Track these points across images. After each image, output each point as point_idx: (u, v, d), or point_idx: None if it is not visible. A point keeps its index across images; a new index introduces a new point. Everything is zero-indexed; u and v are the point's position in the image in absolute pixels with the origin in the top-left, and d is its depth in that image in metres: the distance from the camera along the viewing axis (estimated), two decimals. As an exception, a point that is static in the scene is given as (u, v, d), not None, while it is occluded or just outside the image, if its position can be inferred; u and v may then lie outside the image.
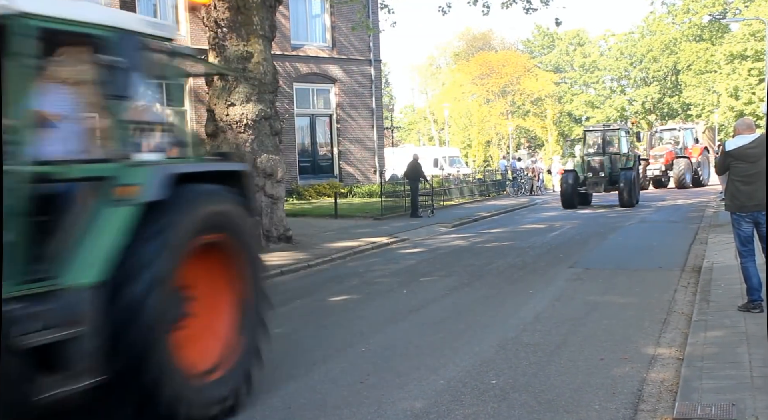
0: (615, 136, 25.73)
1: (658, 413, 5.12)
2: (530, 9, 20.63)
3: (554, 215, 22.28)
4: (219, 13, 14.99)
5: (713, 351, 6.24)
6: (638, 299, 9.17)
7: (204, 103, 21.32)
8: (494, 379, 6.08)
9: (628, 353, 6.72)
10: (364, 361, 6.75)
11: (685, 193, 31.21)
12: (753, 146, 7.54)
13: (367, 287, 10.91)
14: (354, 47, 30.32)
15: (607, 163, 24.43)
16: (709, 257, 11.58)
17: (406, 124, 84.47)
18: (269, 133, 15.27)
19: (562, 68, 76.44)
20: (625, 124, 31.61)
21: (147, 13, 25.08)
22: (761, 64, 48.86)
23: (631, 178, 23.73)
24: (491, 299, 9.57)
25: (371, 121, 31.08)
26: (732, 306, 7.82)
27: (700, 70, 61.89)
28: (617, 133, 25.53)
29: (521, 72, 62.81)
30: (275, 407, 5.59)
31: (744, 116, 26.43)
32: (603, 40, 76.51)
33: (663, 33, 66.76)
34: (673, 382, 5.74)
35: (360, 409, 5.47)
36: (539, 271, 11.70)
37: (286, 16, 27.71)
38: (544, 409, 5.34)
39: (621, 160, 24.54)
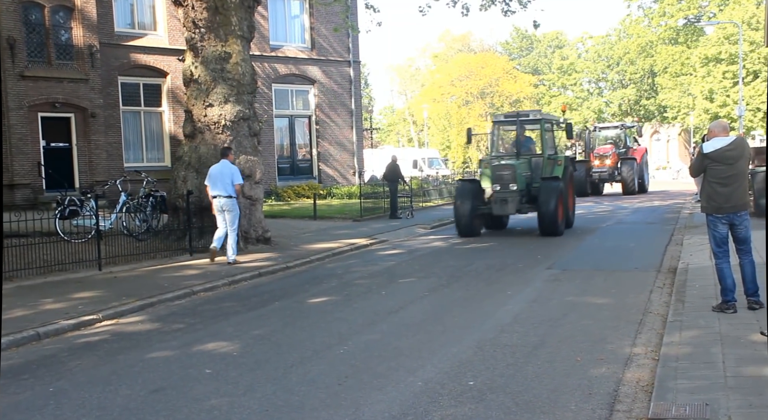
0: (537, 129, 18.39)
1: (633, 413, 5.16)
2: (509, 11, 20.71)
3: (533, 217, 22.34)
4: (197, 13, 14.90)
5: (688, 351, 6.31)
6: (615, 300, 9.25)
7: (182, 103, 21.19)
8: (472, 380, 6.10)
9: (605, 354, 6.77)
10: (343, 363, 6.73)
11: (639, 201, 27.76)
12: (731, 148, 7.63)
13: (345, 289, 10.89)
14: (333, 48, 30.28)
15: (523, 170, 16.94)
16: (684, 258, 11.71)
17: (385, 125, 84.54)
18: (248, 134, 15.20)
19: (541, 70, 76.93)
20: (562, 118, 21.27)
21: (124, 13, 24.89)
22: (735, 67, 49.49)
23: (558, 193, 16.21)
24: (469, 300, 9.60)
25: (350, 123, 31.05)
26: (706, 307, 7.91)
27: (675, 72, 62.61)
28: (539, 125, 17.83)
29: (500, 74, 63.13)
30: (253, 409, 5.56)
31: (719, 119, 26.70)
32: (581, 42, 77.13)
33: (639, 36, 67.52)
34: (649, 382, 5.80)
35: (338, 411, 5.46)
36: (517, 272, 11.76)
37: (264, 16, 27.64)
38: (521, 410, 5.36)
39: (545, 166, 17.52)
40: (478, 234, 17.12)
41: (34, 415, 5.61)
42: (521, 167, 16.81)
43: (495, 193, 16.47)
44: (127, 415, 5.54)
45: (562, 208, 16.44)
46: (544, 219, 16.07)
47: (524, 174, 16.90)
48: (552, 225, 16.09)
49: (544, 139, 17.68)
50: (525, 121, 18.01)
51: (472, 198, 16.67)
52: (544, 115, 18.18)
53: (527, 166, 17.22)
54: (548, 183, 16.58)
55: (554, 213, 16.01)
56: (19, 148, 21.03)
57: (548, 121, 18.18)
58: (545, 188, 16.29)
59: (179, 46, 22.12)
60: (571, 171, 18.21)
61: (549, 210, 15.98)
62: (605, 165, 31.37)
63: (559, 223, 16.23)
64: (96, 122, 22.65)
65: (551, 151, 18.12)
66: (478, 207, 16.82)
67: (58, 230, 14.19)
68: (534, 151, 18.05)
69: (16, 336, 7.92)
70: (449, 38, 77.55)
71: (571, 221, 17.83)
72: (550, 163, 17.60)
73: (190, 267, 12.89)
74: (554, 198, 16.03)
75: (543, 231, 16.25)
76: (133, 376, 6.58)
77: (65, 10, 22.26)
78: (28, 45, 21.55)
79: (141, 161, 24.97)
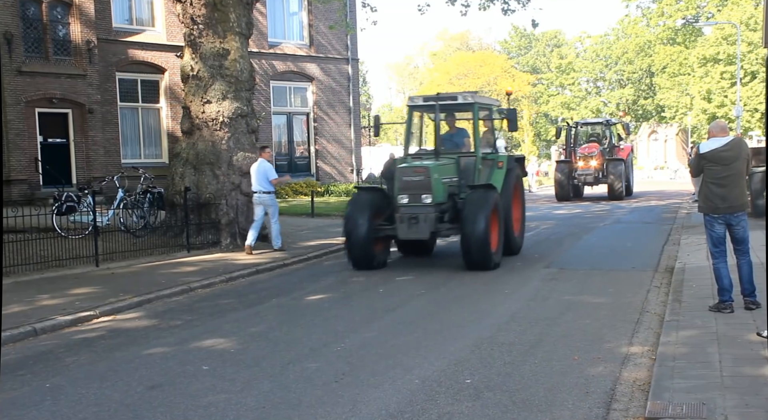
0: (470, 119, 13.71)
1: (630, 412, 5.17)
2: (508, 10, 20.71)
3: (530, 215, 22.29)
4: (195, 9, 14.87)
5: (685, 351, 6.32)
6: (612, 299, 9.26)
7: (180, 100, 21.16)
8: (469, 378, 6.10)
9: (602, 353, 6.78)
10: (340, 360, 6.73)
11: (636, 201, 27.18)
12: (727, 149, 7.64)
13: (342, 286, 10.89)
14: (331, 46, 30.27)
15: (445, 175, 12.36)
16: (681, 258, 11.73)
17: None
18: (245, 131, 15.19)
19: (539, 69, 76.95)
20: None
21: (122, 9, 24.84)
22: (733, 67, 49.55)
23: (490, 208, 11.63)
24: (467, 299, 9.60)
25: (348, 120, 31.05)
26: (703, 306, 7.92)
27: (673, 72, 62.69)
28: (472, 112, 13.23)
29: (498, 72, 63.16)
30: (250, 406, 5.56)
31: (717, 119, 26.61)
32: (579, 41, 77.19)
33: (638, 36, 67.57)
34: (646, 381, 5.81)
35: (335, 409, 5.46)
36: (515, 271, 11.77)
37: (263, 13, 27.61)
38: (518, 408, 5.37)
39: (477, 169, 12.89)
40: (383, 264, 12.40)
41: (31, 411, 5.61)
42: (441, 171, 12.09)
43: (401, 209, 11.80)
44: (123, 412, 5.54)
45: (497, 230, 11.95)
46: (469, 245, 11.38)
47: (446, 180, 12.20)
48: (480, 253, 11.37)
49: (477, 132, 12.97)
50: (449, 107, 13.40)
51: (370, 213, 11.97)
52: (478, 98, 13.45)
53: (453, 170, 12.57)
54: (477, 194, 11.85)
55: (483, 237, 11.27)
56: (16, 143, 20.98)
57: (484, 106, 13.58)
58: (472, 201, 11.66)
59: (177, 42, 22.10)
60: (518, 175, 13.81)
61: (475, 232, 11.23)
62: (590, 166, 27.89)
63: (491, 252, 11.49)
64: (93, 118, 22.61)
65: (488, 148, 13.47)
66: (379, 227, 12.07)
67: (55, 226, 14.16)
68: (468, 149, 13.32)
69: (12, 332, 7.91)
70: (448, 37, 77.58)
71: (517, 245, 13.39)
72: (487, 166, 13.07)
73: (187, 263, 12.88)
74: (483, 215, 11.33)
75: (469, 262, 11.56)
76: (130, 372, 6.58)
77: (63, 5, 22.21)
78: (25, 40, 21.50)
79: (138, 157, 24.93)
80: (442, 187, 12.06)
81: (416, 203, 11.74)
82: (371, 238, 11.93)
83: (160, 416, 5.41)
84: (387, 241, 12.67)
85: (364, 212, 11.95)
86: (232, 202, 14.74)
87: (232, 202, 14.68)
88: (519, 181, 14.12)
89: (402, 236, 11.99)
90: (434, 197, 11.75)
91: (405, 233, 11.85)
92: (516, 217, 13.57)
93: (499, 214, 12.10)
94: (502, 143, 15.09)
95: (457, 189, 12.47)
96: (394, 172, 12.36)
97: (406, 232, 11.81)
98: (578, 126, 31.04)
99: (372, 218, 11.97)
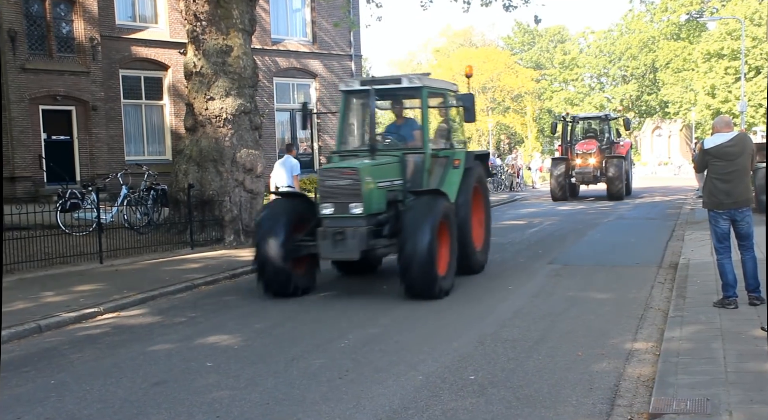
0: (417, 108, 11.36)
1: (634, 408, 5.17)
2: (510, 6, 20.65)
3: (534, 211, 22.38)
4: (198, 6, 14.87)
5: (689, 347, 6.31)
6: (616, 295, 9.25)
7: (183, 97, 21.16)
8: (473, 374, 6.10)
9: (606, 349, 6.77)
10: (344, 357, 6.74)
11: (639, 197, 26.67)
12: (731, 144, 7.62)
13: (346, 282, 10.89)
14: (335, 42, 30.22)
15: (382, 177, 9.91)
16: (685, 254, 11.71)
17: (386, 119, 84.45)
18: (249, 128, 15.19)
19: (543, 65, 76.77)
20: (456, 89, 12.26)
21: (125, 6, 24.82)
22: (737, 62, 49.40)
23: (434, 220, 9.16)
24: (470, 295, 9.60)
25: (352, 117, 30.96)
26: (707, 302, 7.90)
27: (677, 68, 62.48)
28: (420, 99, 10.72)
29: (501, 69, 63.00)
30: (254, 402, 5.57)
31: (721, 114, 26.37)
32: (582, 37, 76.98)
33: (641, 31, 67.34)
34: (650, 377, 5.80)
35: (339, 405, 5.47)
36: (518, 267, 11.76)
37: (266, 10, 27.57)
38: (522, 404, 5.37)
39: (425, 170, 10.45)
40: (306, 290, 9.84)
41: (36, 407, 5.62)
42: (377, 172, 9.64)
43: (324, 221, 9.42)
44: (128, 408, 5.55)
45: (447, 248, 9.51)
46: (407, 267, 8.88)
47: (384, 184, 9.75)
48: (422, 278, 8.88)
49: (426, 123, 10.49)
50: (392, 92, 10.90)
51: (289, 225, 9.55)
52: (428, 81, 10.78)
53: (395, 170, 10.10)
54: (420, 202, 9.39)
55: (425, 257, 8.78)
56: (20, 140, 21.00)
57: (436, 91, 11.01)
58: (413, 212, 9.21)
59: (180, 39, 22.08)
60: (479, 176, 11.44)
61: (415, 252, 8.80)
62: (589, 164, 25.94)
63: (436, 276, 8.98)
64: (97, 115, 22.62)
65: (441, 143, 11.03)
66: (300, 242, 9.62)
67: (59, 223, 14.19)
68: (419, 144, 10.59)
69: (17, 329, 7.93)
70: (451, 33, 77.45)
71: (479, 263, 11.06)
72: (439, 165, 10.67)
73: (191, 260, 12.89)
74: (427, 229, 8.87)
75: (408, 288, 9.07)
76: (135, 368, 6.59)
77: (66, 2, 22.20)
78: (29, 37, 21.50)
79: (142, 154, 24.93)
80: (379, 192, 9.59)
81: (343, 214, 9.30)
82: (289, 257, 9.43)
83: (164, 412, 5.42)
84: (312, 261, 9.96)
85: (280, 223, 9.50)
86: (236, 199, 14.75)
87: (235, 198, 14.69)
88: (482, 184, 11.67)
89: (325, 255, 9.56)
90: (367, 206, 9.30)
91: (329, 252, 9.41)
92: (477, 229, 11.22)
93: (450, 227, 9.66)
94: (462, 137, 12.12)
95: (401, 195, 9.95)
96: None
97: (329, 250, 9.36)
98: (575, 121, 28.87)
99: (291, 231, 9.54)
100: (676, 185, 35.00)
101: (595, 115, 30.77)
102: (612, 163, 25.67)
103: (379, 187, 9.65)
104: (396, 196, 9.90)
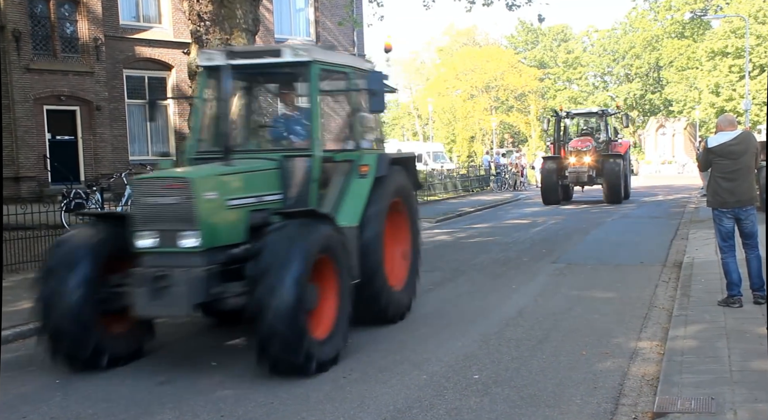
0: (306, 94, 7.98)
1: (638, 407, 5.16)
2: (513, 5, 20.58)
3: (537, 211, 22.36)
4: (202, 6, 14.88)
5: (693, 345, 6.30)
6: (620, 294, 9.24)
7: (187, 97, 21.17)
8: (477, 373, 6.10)
9: (610, 348, 6.76)
10: (347, 356, 6.73)
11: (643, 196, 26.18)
12: (735, 143, 7.61)
13: (350, 282, 10.88)
14: (338, 42, 30.23)
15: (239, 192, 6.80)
16: (689, 253, 11.68)
17: (390, 119, 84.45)
18: (252, 127, 15.15)
19: (546, 64, 76.67)
20: None
21: (129, 6, 24.86)
22: (742, 61, 49.28)
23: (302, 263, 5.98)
24: (474, 294, 9.60)
25: (355, 116, 30.98)
26: (712, 301, 7.89)
27: (681, 66, 62.36)
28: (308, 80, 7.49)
29: (505, 68, 62.96)
30: (258, 401, 5.57)
31: (725, 113, 26.24)
32: (586, 36, 76.87)
33: (645, 30, 67.24)
34: (654, 376, 5.79)
35: (343, 404, 5.47)
36: (522, 266, 11.75)
37: (269, 9, 27.59)
38: (526, 403, 5.37)
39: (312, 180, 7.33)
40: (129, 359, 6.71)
41: (41, 406, 5.64)
42: (223, 185, 6.66)
43: (143, 259, 6.38)
44: (133, 407, 5.56)
45: (333, 299, 6.63)
46: (261, 331, 5.92)
47: (241, 202, 6.82)
48: (282, 346, 5.92)
49: (316, 114, 7.50)
50: (267, 69, 7.92)
51: (93, 266, 6.42)
52: (319, 53, 7.64)
53: (263, 181, 7.17)
54: (285, 233, 6.26)
55: (285, 319, 5.87)
56: (24, 140, 21.07)
57: (333, 70, 7.87)
58: (270, 249, 6.08)
59: (184, 39, 22.11)
60: (400, 189, 8.15)
61: (271, 310, 5.85)
62: (583, 164, 23.54)
63: (306, 343, 6.01)
64: (101, 115, 22.67)
65: (344, 142, 8.19)
66: (113, 289, 6.51)
67: (63, 223, 14.22)
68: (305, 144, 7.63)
69: (22, 328, 7.95)
70: (454, 32, 77.35)
71: (399, 306, 8.00)
72: (339, 172, 7.63)
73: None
74: (286, 276, 5.93)
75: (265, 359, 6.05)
76: (139, 368, 6.60)
77: (70, 2, 22.26)
78: (33, 38, 21.57)
79: (146, 154, 24.97)
80: (230, 215, 6.58)
81: (169, 248, 6.25)
82: (91, 314, 6.29)
83: (168, 411, 5.43)
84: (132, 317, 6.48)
85: (76, 265, 6.30)
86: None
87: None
88: (406, 199, 8.34)
89: (140, 312, 6.30)
90: (207, 236, 6.24)
91: (144, 306, 6.21)
92: (396, 262, 8.17)
93: (338, 264, 6.58)
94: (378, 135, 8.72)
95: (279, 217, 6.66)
96: None
97: (145, 304, 6.18)
98: (569, 116, 26.42)
99: (97, 276, 6.37)
100: (681, 184, 34.95)
101: (590, 111, 28.62)
102: (609, 163, 23.28)
103: (230, 207, 6.56)
104: (266, 219, 6.60)
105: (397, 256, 8.28)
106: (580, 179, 23.91)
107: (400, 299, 8.05)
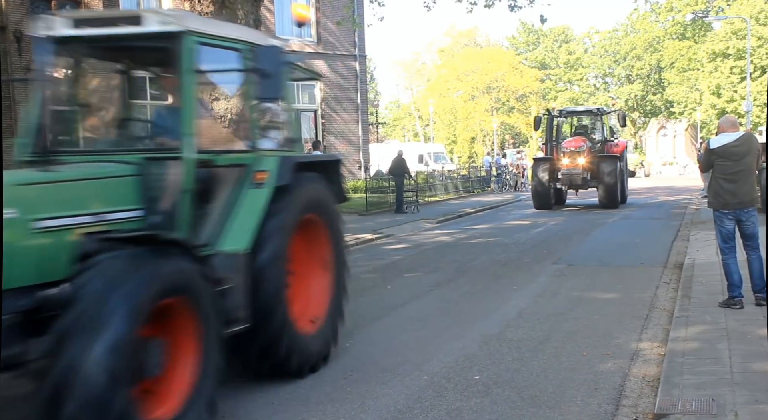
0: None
1: (639, 408, 5.16)
2: (515, 6, 20.59)
3: (538, 212, 22.34)
4: (203, 6, 14.89)
5: (694, 347, 6.30)
6: (621, 295, 9.23)
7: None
8: (477, 374, 6.10)
9: (611, 349, 6.76)
10: (348, 357, 6.74)
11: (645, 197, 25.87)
12: (737, 144, 7.60)
13: (351, 283, 10.85)
14: (339, 43, 30.25)
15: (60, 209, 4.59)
16: (690, 254, 11.68)
17: (391, 119, 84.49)
18: (253, 128, 15.14)
19: (547, 65, 76.70)
20: None
21: (130, 7, 24.87)
22: (743, 62, 49.28)
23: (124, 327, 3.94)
24: (475, 295, 9.59)
25: (356, 117, 31.04)
26: (713, 302, 7.88)
27: (683, 68, 62.38)
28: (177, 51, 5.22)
29: (506, 69, 62.99)
30: (258, 402, 5.57)
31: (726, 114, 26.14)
32: (587, 37, 76.88)
33: (646, 31, 67.26)
34: (655, 377, 5.79)
35: (343, 405, 5.47)
36: (523, 267, 11.75)
37: (270, 10, 27.62)
38: (526, 404, 5.36)
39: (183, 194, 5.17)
40: None
41: (42, 406, 5.62)
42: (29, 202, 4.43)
43: None
44: (133, 408, 5.54)
45: (192, 358, 4.71)
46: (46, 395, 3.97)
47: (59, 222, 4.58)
48: None
49: (188, 101, 5.35)
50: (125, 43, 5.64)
51: None
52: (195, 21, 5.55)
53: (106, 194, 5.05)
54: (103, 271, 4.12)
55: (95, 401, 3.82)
56: (25, 141, 21.08)
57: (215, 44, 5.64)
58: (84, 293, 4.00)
59: (185, 39, 22.11)
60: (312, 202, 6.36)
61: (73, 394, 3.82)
62: (577, 165, 21.94)
63: None
64: (102, 116, 22.69)
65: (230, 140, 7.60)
66: None
67: None
68: None
69: None
70: (455, 33, 77.37)
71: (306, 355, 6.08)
72: (226, 181, 5.78)
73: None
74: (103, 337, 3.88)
75: None
76: (140, 368, 6.58)
77: (72, 3, 22.27)
78: (34, 38, 21.59)
79: (147, 155, 24.98)
80: (39, 240, 4.49)
81: None
82: None
83: (169, 412, 5.41)
84: None
85: None
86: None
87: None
88: (324, 214, 6.59)
89: None
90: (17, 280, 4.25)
91: None
92: (308, 297, 6.52)
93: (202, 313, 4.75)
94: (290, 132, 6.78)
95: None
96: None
97: None
98: (562, 115, 24.95)
99: None
100: (682, 185, 34.94)
101: (585, 109, 26.82)
102: (604, 165, 21.73)
103: (39, 230, 4.46)
104: (102, 247, 4.40)
105: (307, 289, 6.49)
106: (573, 182, 22.40)
107: (309, 346, 6.11)
